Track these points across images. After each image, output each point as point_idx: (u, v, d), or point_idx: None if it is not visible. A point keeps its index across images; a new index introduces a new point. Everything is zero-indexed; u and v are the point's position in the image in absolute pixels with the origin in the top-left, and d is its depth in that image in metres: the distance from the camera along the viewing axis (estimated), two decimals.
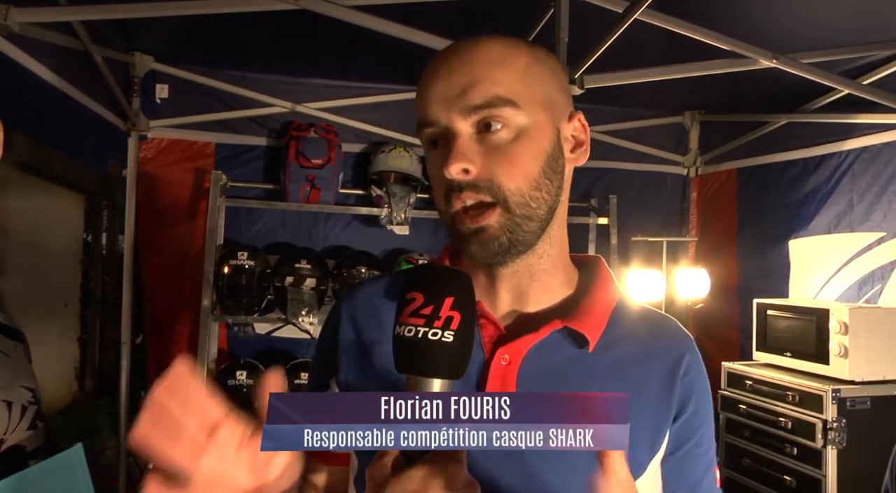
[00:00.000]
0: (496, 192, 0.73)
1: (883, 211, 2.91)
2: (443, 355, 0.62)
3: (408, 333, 0.63)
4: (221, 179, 3.06)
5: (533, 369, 0.78)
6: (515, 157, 0.74)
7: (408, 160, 3.33)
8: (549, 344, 0.79)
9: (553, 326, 0.79)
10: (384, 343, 0.81)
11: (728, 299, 3.62)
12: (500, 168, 0.73)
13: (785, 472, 2.70)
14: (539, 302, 0.83)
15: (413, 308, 0.63)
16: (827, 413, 2.53)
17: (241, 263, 2.93)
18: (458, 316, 0.63)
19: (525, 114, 0.75)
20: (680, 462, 0.83)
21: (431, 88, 0.75)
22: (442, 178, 0.75)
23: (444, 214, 0.78)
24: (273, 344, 3.46)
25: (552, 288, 0.83)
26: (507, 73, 0.75)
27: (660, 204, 3.96)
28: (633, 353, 0.82)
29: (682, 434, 0.83)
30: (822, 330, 2.69)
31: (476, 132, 0.74)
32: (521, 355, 0.78)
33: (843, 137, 3.10)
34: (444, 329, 0.62)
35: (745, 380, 2.93)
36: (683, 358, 0.84)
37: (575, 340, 0.80)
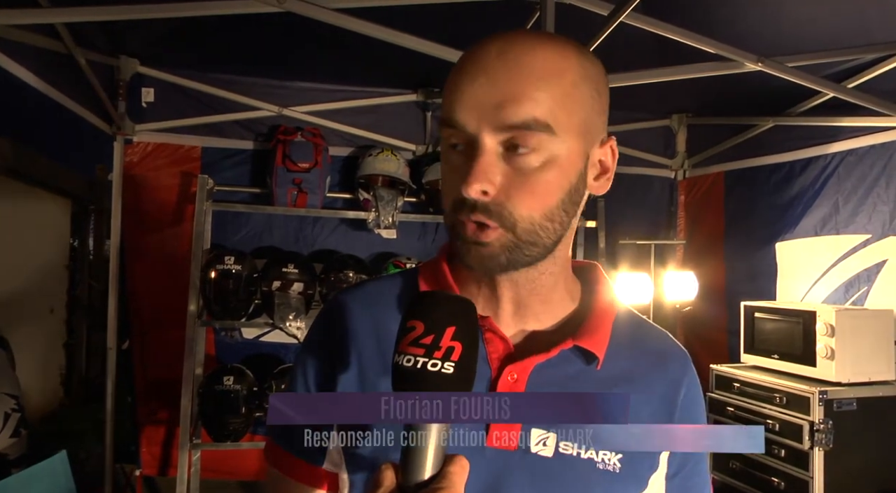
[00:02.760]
0: (505, 218, 0.70)
1: (868, 213, 2.93)
2: (442, 387, 0.60)
3: (406, 362, 0.61)
4: (208, 183, 3.04)
5: (540, 386, 0.77)
6: (538, 186, 0.70)
7: (395, 164, 3.33)
8: (557, 361, 0.78)
9: (564, 345, 0.78)
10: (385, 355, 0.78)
11: (716, 301, 3.64)
12: (517, 194, 0.69)
13: (773, 474, 2.71)
14: (540, 317, 0.81)
15: (413, 337, 0.61)
16: (814, 415, 2.54)
17: (228, 267, 2.92)
18: (459, 347, 0.61)
19: (559, 141, 0.70)
20: (684, 482, 0.83)
21: (465, 90, 0.70)
22: (454, 186, 0.70)
23: (448, 217, 0.74)
24: (260, 349, 3.44)
25: (553, 301, 0.82)
26: (551, 94, 0.69)
27: (648, 207, 3.97)
28: (635, 368, 0.82)
29: (685, 459, 0.83)
30: (808, 332, 2.70)
31: (503, 150, 0.70)
32: (528, 373, 0.77)
33: (829, 140, 3.13)
34: (444, 360, 0.60)
35: (733, 382, 2.94)
36: (684, 379, 0.84)
37: (583, 357, 0.79)
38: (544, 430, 0.76)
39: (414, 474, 0.60)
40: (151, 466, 3.44)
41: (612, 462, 0.76)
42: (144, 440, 3.42)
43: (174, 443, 3.39)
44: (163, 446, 3.44)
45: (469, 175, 0.68)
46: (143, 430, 3.42)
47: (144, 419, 3.42)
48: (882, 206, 2.87)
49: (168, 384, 3.32)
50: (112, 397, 3.23)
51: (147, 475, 3.48)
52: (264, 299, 2.99)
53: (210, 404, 2.93)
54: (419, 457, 0.60)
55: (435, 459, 0.60)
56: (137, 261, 3.28)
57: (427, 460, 0.60)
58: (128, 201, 3.20)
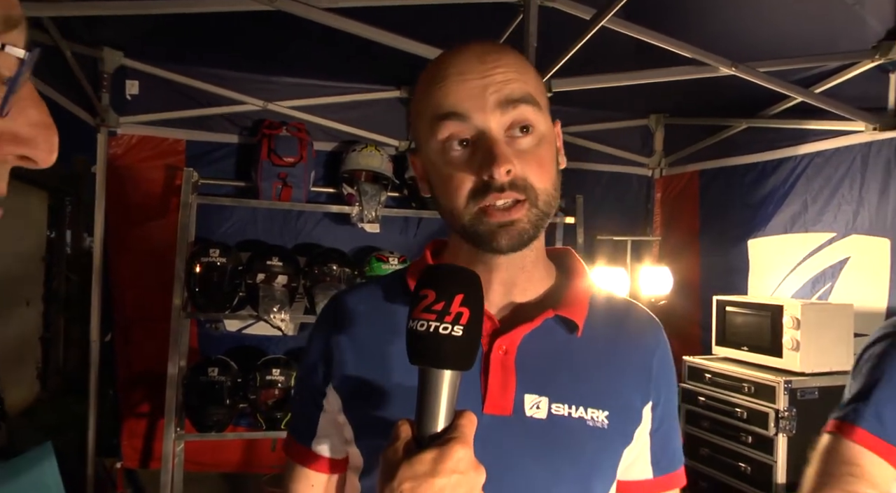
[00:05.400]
0: (529, 191, 0.78)
1: (833, 213, 3.05)
2: (453, 348, 0.67)
3: (420, 327, 0.68)
4: (193, 177, 3.07)
5: (529, 355, 0.84)
6: (542, 161, 0.80)
7: (379, 159, 3.38)
8: (542, 332, 0.85)
9: (546, 315, 0.85)
10: (384, 345, 0.88)
11: (690, 296, 3.75)
12: (530, 170, 0.78)
13: (740, 459, 2.83)
14: (526, 291, 0.89)
15: (426, 304, 0.68)
16: (779, 403, 2.66)
17: (213, 260, 2.95)
18: (467, 312, 0.68)
19: (543, 120, 0.81)
20: (664, 437, 0.92)
21: (461, 82, 0.78)
22: (469, 177, 0.78)
23: (465, 212, 0.80)
24: (243, 342, 3.48)
25: (537, 279, 0.90)
26: (530, 79, 0.81)
27: (625, 204, 4.07)
28: (614, 337, 0.90)
29: (664, 413, 0.92)
30: (776, 325, 2.82)
31: (506, 136, 0.78)
32: (517, 344, 0.84)
33: (799, 142, 3.24)
34: (454, 324, 0.67)
35: (705, 373, 3.05)
36: (657, 346, 0.93)
37: (565, 326, 0.87)
38: (536, 394, 0.83)
39: (428, 426, 0.67)
40: (132, 458, 3.46)
41: (601, 420, 0.84)
42: (126, 432, 3.43)
43: (156, 435, 3.42)
44: (144, 438, 3.46)
45: (495, 159, 0.76)
46: (124, 422, 3.44)
47: (126, 411, 3.43)
48: (846, 206, 2.99)
49: (150, 377, 3.34)
50: (95, 389, 3.24)
51: (128, 467, 3.49)
52: (249, 292, 3.02)
53: (195, 395, 2.96)
54: (433, 411, 0.67)
55: (447, 413, 0.68)
56: (120, 253, 3.29)
57: (440, 413, 0.67)
58: (111, 194, 3.21)
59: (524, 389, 0.83)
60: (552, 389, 0.84)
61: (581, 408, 0.84)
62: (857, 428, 1.11)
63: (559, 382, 0.85)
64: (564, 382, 0.85)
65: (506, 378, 0.83)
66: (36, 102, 0.43)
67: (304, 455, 0.96)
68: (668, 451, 0.93)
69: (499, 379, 0.83)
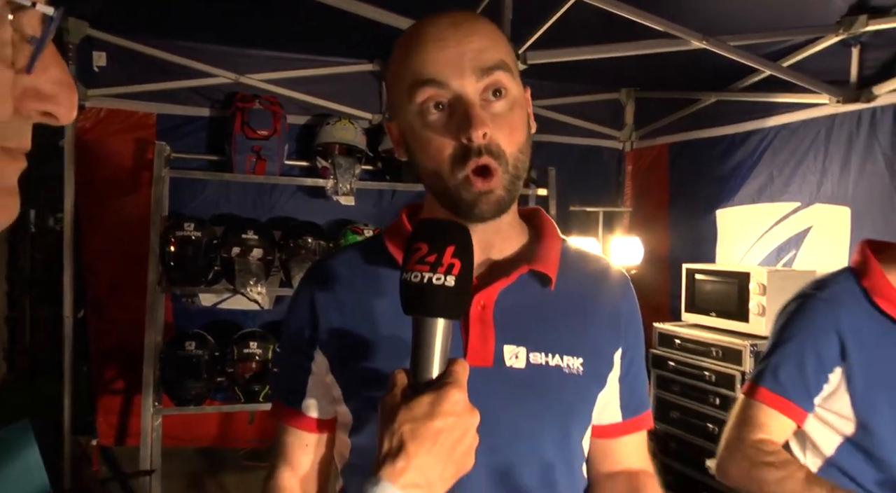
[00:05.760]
0: (501, 156, 0.81)
1: (798, 183, 3.14)
2: (446, 297, 0.70)
3: (414, 278, 0.70)
4: (165, 151, 3.03)
5: (506, 309, 0.88)
6: (514, 124, 0.83)
7: (352, 132, 3.37)
8: (517, 286, 0.89)
9: (520, 270, 0.89)
10: (367, 304, 0.91)
11: (660, 265, 3.84)
12: (501, 134, 0.81)
13: (707, 420, 2.94)
14: (502, 250, 0.92)
15: (419, 256, 0.71)
16: (745, 365, 2.77)
17: (188, 234, 2.93)
18: (458, 263, 0.71)
19: (515, 85, 0.84)
20: (632, 382, 0.98)
21: (439, 49, 0.81)
22: (449, 141, 0.81)
23: (448, 179, 0.83)
24: (218, 316, 3.47)
25: (512, 238, 0.94)
26: (502, 46, 0.84)
27: (596, 176, 4.13)
28: (584, 289, 0.95)
29: (632, 359, 0.98)
30: (743, 291, 2.92)
31: (481, 100, 0.81)
32: (494, 299, 0.88)
33: (766, 115, 3.31)
34: (446, 274, 0.70)
35: (675, 339, 3.15)
36: (625, 296, 0.98)
37: (539, 280, 0.91)
38: (514, 345, 0.88)
39: (424, 373, 0.70)
40: (108, 436, 3.45)
41: (576, 367, 0.89)
42: (101, 409, 3.42)
43: (132, 412, 3.41)
44: (120, 415, 3.45)
45: (472, 122, 0.79)
46: (99, 399, 3.42)
47: (101, 388, 3.42)
48: (811, 176, 3.08)
49: (125, 353, 3.32)
50: (69, 367, 3.20)
51: (104, 444, 3.48)
52: (224, 266, 3.01)
53: (172, 370, 2.96)
54: (427, 359, 0.71)
55: (440, 360, 0.71)
56: (91, 229, 3.25)
57: (434, 361, 0.70)
58: (80, 169, 3.15)
59: (503, 340, 0.87)
60: (529, 339, 0.88)
61: (557, 356, 0.88)
62: (760, 388, 1.26)
63: (535, 332, 0.89)
64: (540, 332, 0.89)
65: (485, 331, 0.87)
66: (57, 61, 0.44)
67: (295, 417, 0.98)
68: (636, 395, 0.99)
69: (478, 332, 0.87)
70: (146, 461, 2.93)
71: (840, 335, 1.24)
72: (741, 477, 1.22)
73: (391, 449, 0.66)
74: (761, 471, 1.19)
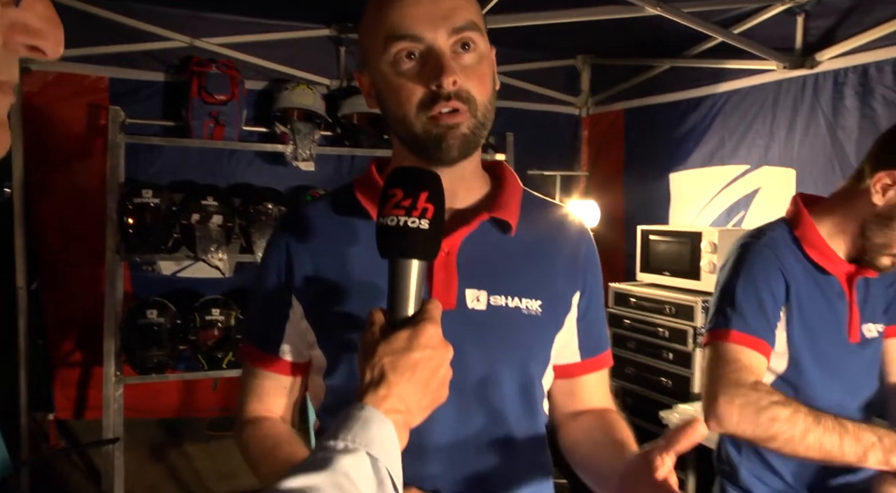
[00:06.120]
0: (470, 101, 0.86)
1: (748, 147, 3.25)
2: (420, 239, 0.74)
3: (390, 222, 0.74)
4: (119, 116, 2.96)
5: (468, 255, 0.93)
6: (481, 75, 0.88)
7: (311, 97, 3.35)
8: (479, 233, 0.94)
9: (482, 218, 0.94)
10: (339, 252, 0.95)
11: (616, 227, 3.94)
12: (471, 82, 0.86)
13: (661, 375, 3.07)
14: (465, 200, 0.97)
15: (394, 202, 0.75)
16: (697, 321, 2.89)
17: (146, 201, 2.88)
18: (432, 207, 0.75)
19: (484, 42, 0.89)
20: (590, 324, 1.04)
21: (415, 6, 0.85)
22: (420, 88, 0.85)
23: (414, 122, 0.87)
24: (179, 284, 3.43)
25: (474, 188, 0.99)
26: (473, 4, 0.90)
27: (554, 141, 4.19)
28: (543, 235, 1.00)
29: (590, 302, 1.03)
30: (695, 251, 3.04)
31: (452, 52, 0.86)
32: (457, 246, 0.93)
33: (718, 81, 3.39)
34: (420, 218, 0.74)
35: (630, 298, 3.26)
36: (582, 241, 1.04)
37: (500, 227, 0.96)
38: (476, 289, 0.93)
39: (400, 311, 0.75)
40: (66, 409, 3.40)
41: (535, 308, 0.95)
42: (58, 382, 3.37)
43: (91, 384, 3.37)
44: (78, 388, 3.41)
45: (443, 70, 0.83)
46: (56, 372, 3.36)
47: (57, 360, 3.36)
48: (759, 140, 3.19)
49: (81, 324, 3.27)
50: (25, 339, 3.14)
51: (61, 418, 3.43)
52: (184, 233, 2.98)
53: (133, 338, 2.93)
54: (403, 298, 0.75)
55: (415, 299, 0.75)
56: (42, 197, 3.16)
57: (410, 300, 0.75)
58: (28, 135, 3.05)
59: (465, 284, 0.93)
60: (490, 283, 0.94)
61: (517, 299, 0.94)
62: (731, 331, 1.30)
63: (496, 277, 0.94)
64: (501, 276, 0.95)
65: (448, 276, 0.92)
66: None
67: (271, 362, 1.02)
68: (594, 336, 1.05)
69: (442, 278, 0.92)
70: (108, 432, 2.91)
71: (784, 276, 1.33)
72: (747, 423, 1.20)
73: (373, 379, 0.70)
74: (770, 412, 1.19)
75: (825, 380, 1.32)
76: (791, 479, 1.36)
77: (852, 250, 1.36)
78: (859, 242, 1.33)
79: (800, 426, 1.18)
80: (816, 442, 1.17)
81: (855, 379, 1.40)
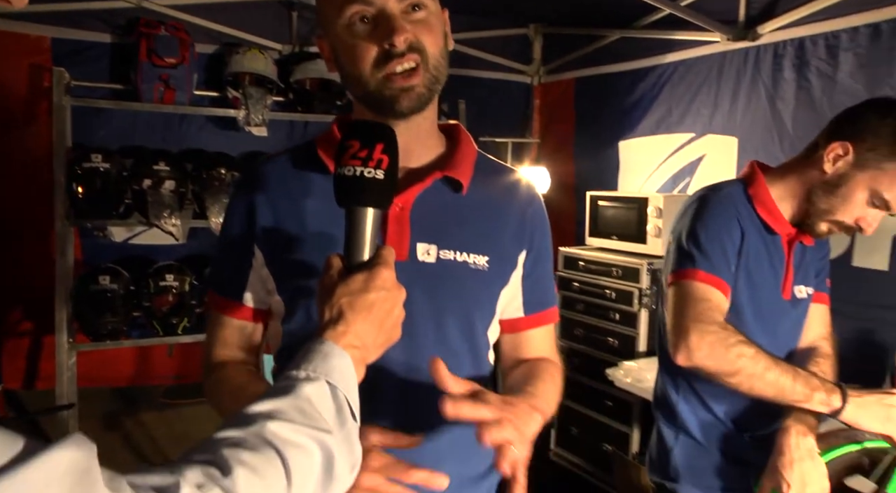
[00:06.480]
0: (423, 52, 0.91)
1: (693, 116, 3.37)
2: (376, 188, 0.80)
3: (348, 172, 0.79)
4: (64, 78, 2.88)
5: (421, 211, 0.99)
6: (434, 28, 0.93)
7: (263, 62, 3.31)
8: (433, 191, 1.00)
9: (435, 176, 1.00)
10: (299, 204, 0.99)
11: (566, 193, 4.04)
12: (424, 37, 0.91)
13: (608, 335, 3.21)
14: (420, 157, 1.03)
15: (352, 152, 0.80)
16: (642, 283, 3.03)
17: (96, 165, 2.82)
18: (386, 159, 0.80)
19: (434, 4, 0.95)
20: (535, 282, 1.10)
21: None
22: (373, 47, 0.90)
23: (370, 79, 0.92)
24: (131, 252, 3.39)
25: (429, 146, 1.04)
26: None
27: (506, 109, 4.23)
28: (494, 195, 1.06)
29: (536, 261, 1.09)
30: (642, 215, 3.15)
31: (402, 13, 0.90)
32: (411, 202, 0.98)
33: (665, 52, 3.48)
34: (376, 168, 0.79)
35: (579, 262, 3.38)
36: (531, 203, 1.10)
37: (452, 186, 1.02)
38: (427, 243, 0.99)
39: (356, 256, 0.80)
40: (15, 379, 3.33)
41: (482, 263, 1.02)
42: (6, 352, 3.30)
43: (41, 354, 3.32)
44: (28, 358, 3.35)
45: (394, 29, 0.88)
46: (4, 342, 3.30)
47: (5, 330, 3.29)
48: (704, 109, 3.31)
49: (30, 293, 3.21)
50: None
51: (10, 389, 3.37)
52: (136, 198, 2.94)
53: (86, 305, 2.89)
54: (360, 244, 0.80)
55: (371, 245, 0.81)
56: None
57: (366, 246, 0.80)
58: None
59: (417, 238, 0.98)
60: (440, 238, 0.99)
61: (465, 253, 1.00)
62: (697, 271, 1.38)
63: (446, 232, 1.00)
64: (451, 232, 1.00)
65: (401, 230, 0.97)
66: None
67: (235, 309, 1.06)
68: (538, 293, 1.11)
69: (396, 230, 0.97)
70: (62, 400, 2.89)
71: (741, 226, 1.43)
72: (715, 357, 1.28)
73: (332, 318, 0.76)
74: (737, 349, 1.27)
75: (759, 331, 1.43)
76: (722, 415, 1.48)
77: (797, 215, 1.46)
78: (804, 207, 1.43)
79: (761, 365, 1.28)
80: (774, 380, 1.27)
81: (784, 335, 1.52)
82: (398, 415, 0.97)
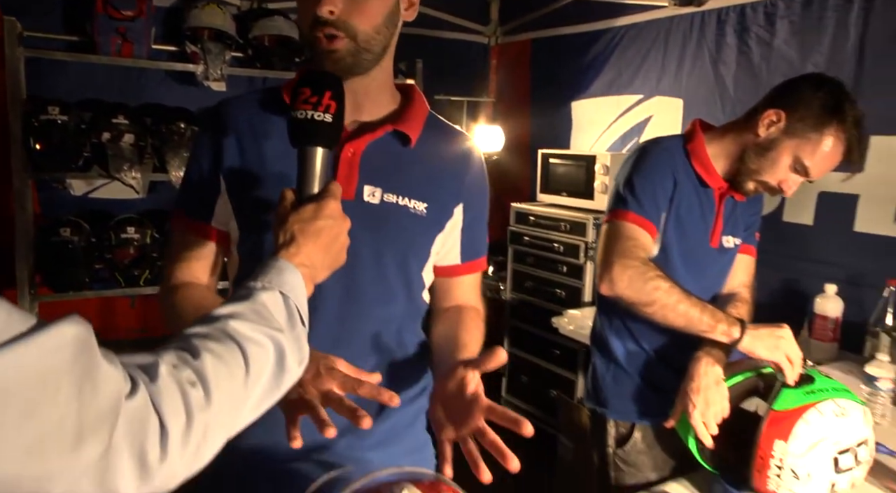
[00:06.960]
0: (349, 29, 0.99)
1: (642, 78, 3.51)
2: (325, 130, 0.91)
3: (300, 115, 0.90)
4: (16, 27, 2.85)
5: (370, 158, 1.10)
6: (367, 8, 0.99)
7: (221, 17, 3.30)
8: (383, 142, 1.11)
9: (386, 128, 1.11)
10: (260, 142, 1.10)
11: (521, 152, 4.17)
12: (354, 14, 0.98)
13: (556, 287, 3.39)
14: (372, 113, 1.13)
15: (303, 98, 0.90)
16: (588, 236, 3.20)
17: (53, 118, 2.82)
18: (334, 104, 0.91)
19: None
20: (471, 233, 1.23)
21: None
22: (310, 12, 0.98)
23: (308, 37, 1.01)
24: (91, 206, 3.39)
25: (382, 103, 1.15)
26: None
27: (463, 68, 4.30)
28: (439, 151, 1.18)
29: (473, 215, 1.22)
30: (590, 173, 3.31)
31: None
32: (362, 149, 1.09)
33: (618, 15, 3.59)
34: (325, 113, 0.90)
35: (529, 216, 3.53)
36: (472, 162, 1.22)
37: (401, 139, 1.13)
38: (373, 186, 1.10)
39: (307, 190, 0.92)
40: None
41: (421, 209, 1.13)
42: None
43: None
44: None
45: (322, 1, 0.96)
46: None
47: None
48: (652, 72, 3.44)
49: None
50: None
51: None
52: (95, 151, 2.95)
53: (47, 257, 2.91)
54: (310, 179, 0.92)
55: (320, 180, 0.92)
56: None
57: (315, 181, 0.92)
58: None
59: (364, 181, 1.09)
60: (385, 183, 1.10)
61: (406, 198, 1.11)
62: (629, 212, 1.53)
63: (392, 178, 1.11)
64: (396, 178, 1.11)
65: (351, 172, 1.08)
66: None
67: (201, 228, 1.16)
68: (474, 243, 1.25)
69: (345, 172, 1.08)
70: None
71: (675, 176, 1.58)
72: (634, 288, 1.44)
73: (285, 241, 0.87)
74: (654, 282, 1.43)
75: (687, 274, 1.59)
76: (647, 347, 1.67)
77: (729, 172, 1.61)
78: (736, 166, 1.58)
79: (674, 297, 1.44)
80: (685, 311, 1.44)
81: (710, 280, 1.69)
82: (335, 330, 1.10)
